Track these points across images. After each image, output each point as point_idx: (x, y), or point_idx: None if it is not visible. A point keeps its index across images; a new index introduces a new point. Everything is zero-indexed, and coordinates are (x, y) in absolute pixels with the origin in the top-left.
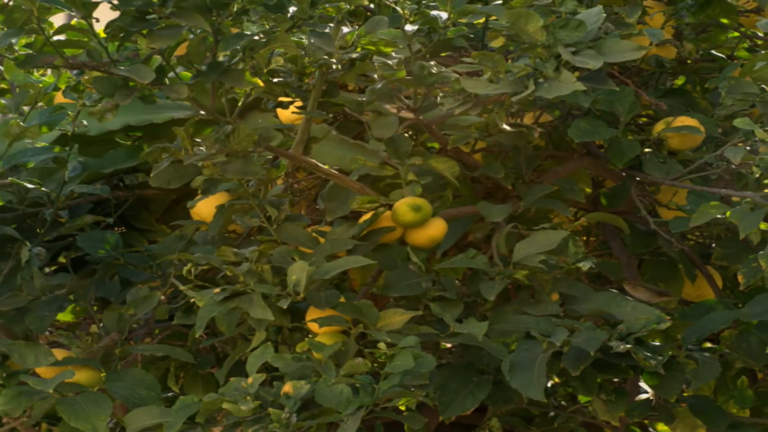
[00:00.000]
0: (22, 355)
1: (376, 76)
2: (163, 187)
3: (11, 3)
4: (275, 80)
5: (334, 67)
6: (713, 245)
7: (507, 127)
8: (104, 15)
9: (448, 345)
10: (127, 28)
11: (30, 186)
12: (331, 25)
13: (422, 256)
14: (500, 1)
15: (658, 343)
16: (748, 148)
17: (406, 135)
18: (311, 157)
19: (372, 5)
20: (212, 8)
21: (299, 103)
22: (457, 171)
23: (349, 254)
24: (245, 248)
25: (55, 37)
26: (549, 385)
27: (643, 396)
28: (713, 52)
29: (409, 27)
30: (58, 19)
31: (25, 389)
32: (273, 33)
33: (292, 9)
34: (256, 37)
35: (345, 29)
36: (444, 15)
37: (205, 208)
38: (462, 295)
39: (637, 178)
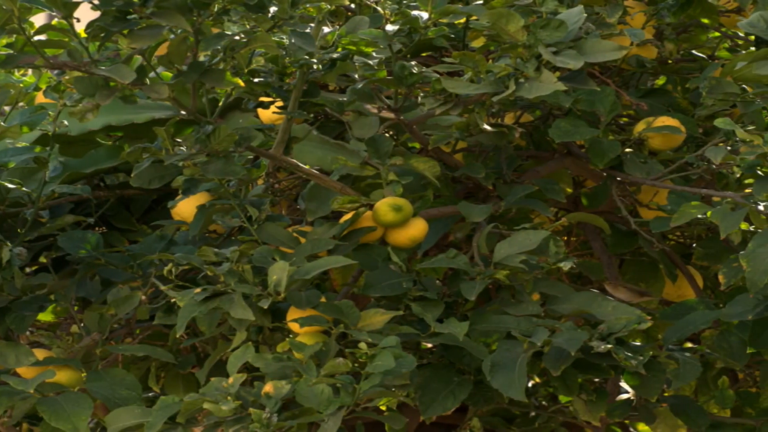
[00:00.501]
0: (2, 355)
1: (356, 76)
2: (143, 187)
3: None
4: (256, 80)
5: (314, 67)
6: (694, 245)
7: (488, 127)
8: (85, 15)
9: (429, 345)
10: (107, 28)
11: (10, 186)
12: (312, 25)
13: (403, 256)
14: (481, 1)
15: (638, 343)
16: (728, 148)
17: (386, 135)
18: (292, 157)
19: (353, 5)
20: (193, 8)
21: (280, 103)
22: (438, 171)
23: (329, 254)
24: (226, 248)
25: (36, 37)
26: (530, 385)
27: (624, 396)
28: (694, 52)
29: (389, 27)
30: (38, 19)
31: (6, 389)
32: (254, 33)
33: (272, 9)
34: (237, 37)
35: (326, 29)
36: (425, 15)
37: (185, 208)
38: (443, 295)
39: (618, 178)
